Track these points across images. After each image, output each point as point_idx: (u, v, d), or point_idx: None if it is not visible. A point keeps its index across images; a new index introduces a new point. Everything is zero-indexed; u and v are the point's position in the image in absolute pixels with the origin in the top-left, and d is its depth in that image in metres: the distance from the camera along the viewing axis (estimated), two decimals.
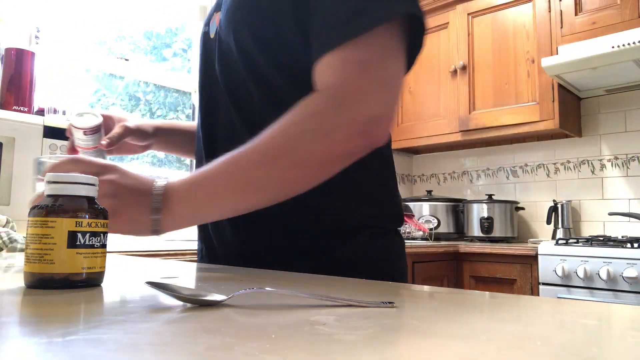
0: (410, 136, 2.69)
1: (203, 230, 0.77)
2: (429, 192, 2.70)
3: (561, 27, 2.20)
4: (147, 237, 0.58)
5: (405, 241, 0.83)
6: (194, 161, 0.84)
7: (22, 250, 0.84)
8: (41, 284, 0.42)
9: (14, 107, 1.44)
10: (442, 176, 2.96)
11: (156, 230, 0.56)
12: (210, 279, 0.55)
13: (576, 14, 2.18)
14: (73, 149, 0.80)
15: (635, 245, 1.82)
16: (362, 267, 0.68)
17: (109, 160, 0.71)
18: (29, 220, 0.43)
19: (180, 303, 0.39)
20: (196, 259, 0.84)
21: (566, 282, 1.85)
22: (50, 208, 0.43)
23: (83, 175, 0.45)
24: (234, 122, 0.70)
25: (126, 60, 2.12)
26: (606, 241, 1.97)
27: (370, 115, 0.58)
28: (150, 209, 0.56)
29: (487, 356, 0.24)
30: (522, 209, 2.52)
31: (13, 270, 0.57)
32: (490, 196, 2.49)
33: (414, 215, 2.55)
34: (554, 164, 2.55)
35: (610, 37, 1.97)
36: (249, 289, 0.40)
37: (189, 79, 2.33)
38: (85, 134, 0.75)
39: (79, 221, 0.43)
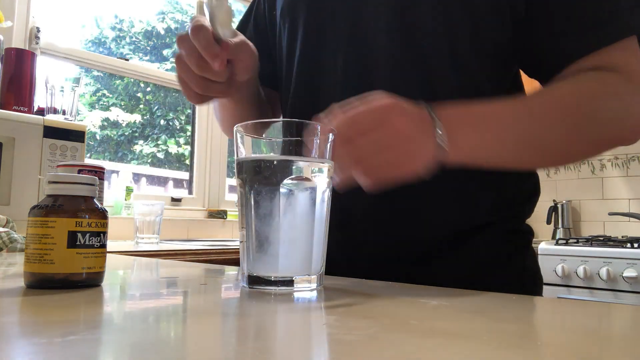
0: None
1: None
2: None
3: None
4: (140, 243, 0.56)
5: None
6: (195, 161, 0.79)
7: (22, 250, 0.84)
8: (41, 284, 0.42)
9: (14, 107, 1.44)
10: None
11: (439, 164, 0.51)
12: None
13: None
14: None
15: (635, 245, 1.82)
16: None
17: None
18: (29, 220, 0.43)
19: (180, 302, 0.39)
20: (201, 259, 0.81)
21: (566, 282, 1.85)
22: (50, 208, 0.43)
23: (83, 175, 0.45)
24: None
25: (126, 60, 2.12)
26: (606, 241, 1.97)
27: None
28: (434, 143, 0.50)
29: (487, 356, 0.24)
30: None
31: (13, 270, 0.57)
32: None
33: None
34: None
35: None
36: None
37: None
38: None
39: (79, 221, 0.43)
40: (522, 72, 0.71)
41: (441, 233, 0.63)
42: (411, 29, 0.62)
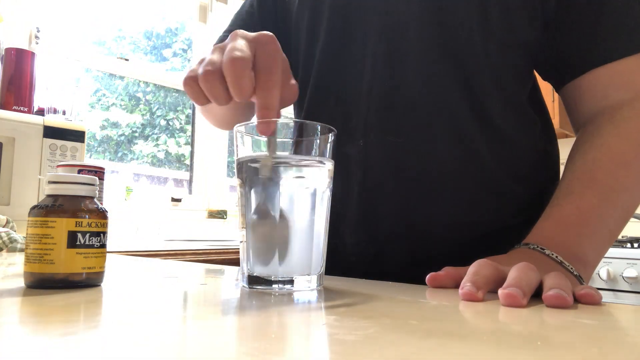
0: None
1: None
2: None
3: None
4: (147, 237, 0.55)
5: None
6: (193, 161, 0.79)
7: (22, 250, 0.84)
8: (41, 284, 0.42)
9: (14, 107, 1.44)
10: None
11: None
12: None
13: None
14: None
15: (635, 245, 1.82)
16: None
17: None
18: (29, 220, 0.43)
19: (180, 302, 0.39)
20: (201, 259, 0.80)
21: None
22: (50, 208, 0.43)
23: (83, 175, 0.45)
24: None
25: (126, 60, 2.12)
26: None
27: None
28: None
29: (487, 356, 0.24)
30: None
31: (13, 270, 0.57)
32: None
33: None
34: None
35: None
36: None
37: None
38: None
39: (79, 221, 0.43)
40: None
41: (472, 234, 0.62)
42: (445, 23, 0.62)
